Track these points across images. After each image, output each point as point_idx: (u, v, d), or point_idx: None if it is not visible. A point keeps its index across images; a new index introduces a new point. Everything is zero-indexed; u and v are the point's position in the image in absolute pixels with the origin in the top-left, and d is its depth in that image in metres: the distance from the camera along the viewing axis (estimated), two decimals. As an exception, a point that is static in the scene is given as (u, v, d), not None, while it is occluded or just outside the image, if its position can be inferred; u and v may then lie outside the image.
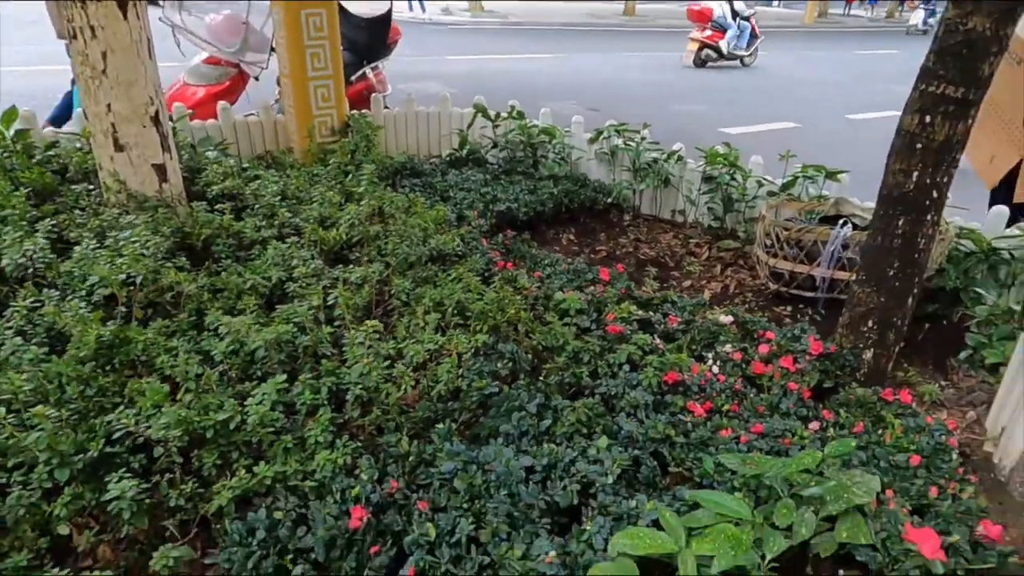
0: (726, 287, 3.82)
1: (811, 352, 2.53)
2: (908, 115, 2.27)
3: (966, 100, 2.14)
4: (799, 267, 3.35)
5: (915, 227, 2.34)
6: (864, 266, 2.54)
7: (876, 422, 2.26)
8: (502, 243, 3.62)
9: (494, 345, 2.49)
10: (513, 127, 4.91)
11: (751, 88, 11.70)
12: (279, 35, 4.31)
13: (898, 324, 2.51)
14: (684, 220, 4.57)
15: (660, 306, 3.02)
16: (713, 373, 2.45)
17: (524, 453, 1.96)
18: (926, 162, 2.24)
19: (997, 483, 2.29)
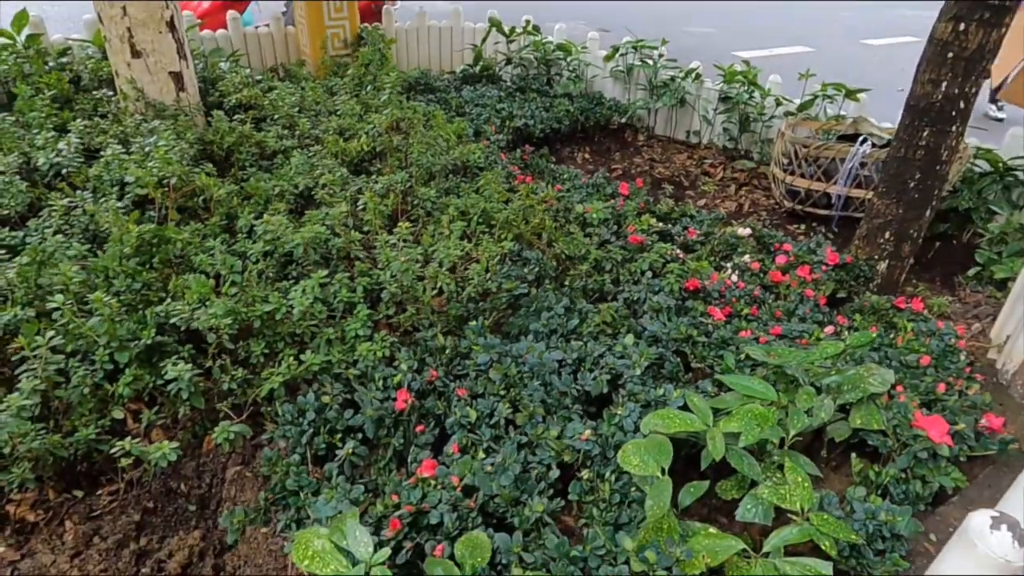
0: (740, 206, 3.86)
1: (827, 263, 2.60)
2: (942, 23, 2.25)
3: (1003, 6, 2.13)
4: (816, 184, 3.38)
5: (940, 138, 2.36)
6: (885, 178, 2.57)
7: (889, 328, 2.35)
8: (520, 158, 3.63)
9: (519, 253, 2.55)
10: (527, 43, 4.82)
11: (763, 10, 11.34)
12: (289, -60, 4.17)
13: (914, 236, 2.57)
14: (699, 141, 4.56)
15: (679, 219, 3.07)
16: (733, 281, 2.52)
17: (555, 349, 2.05)
18: (956, 71, 2.25)
19: (999, 386, 2.40)
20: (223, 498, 1.80)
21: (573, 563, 1.36)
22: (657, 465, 1.48)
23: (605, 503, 1.56)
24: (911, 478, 1.73)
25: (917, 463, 1.73)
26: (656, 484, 1.44)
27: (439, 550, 1.38)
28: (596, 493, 1.59)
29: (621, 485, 1.59)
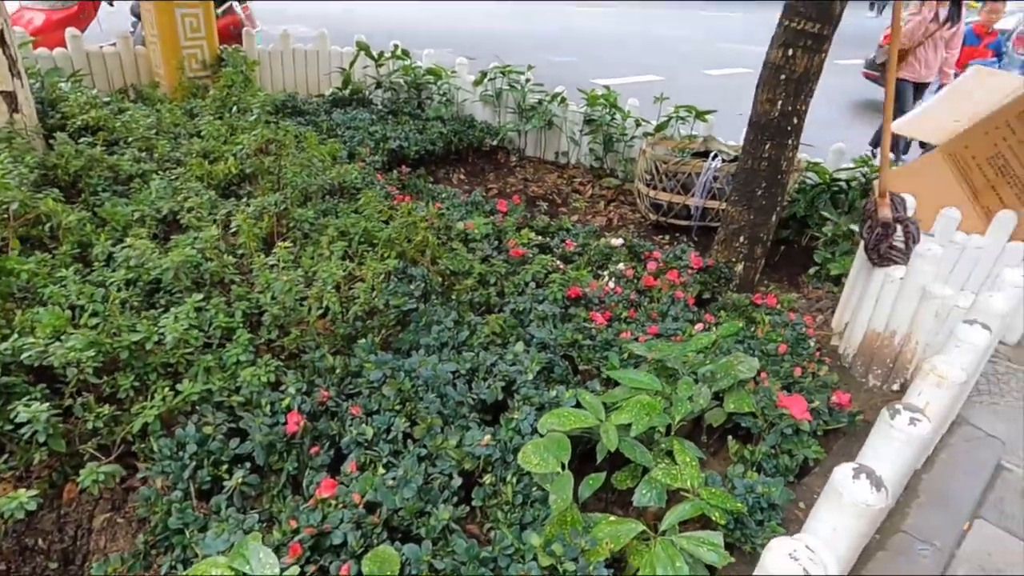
0: (610, 220, 4.08)
1: (692, 267, 2.82)
2: (774, 48, 2.54)
3: (821, 35, 2.44)
4: (676, 197, 3.66)
5: (779, 151, 2.65)
6: (736, 188, 2.84)
7: (749, 322, 2.58)
8: (398, 179, 3.62)
9: (404, 270, 2.54)
10: (397, 67, 4.85)
11: (616, 43, 12.16)
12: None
13: (764, 239, 2.84)
14: (568, 161, 4.78)
15: (557, 233, 3.20)
16: (611, 288, 2.66)
17: (448, 361, 2.06)
18: (788, 91, 2.54)
19: (842, 368, 2.70)
20: (91, 550, 1.63)
21: (484, 564, 1.37)
22: (557, 461, 1.53)
23: (509, 505, 1.58)
24: (780, 453, 1.90)
25: (784, 439, 1.91)
26: (558, 479, 1.48)
27: (345, 569, 1.33)
28: (499, 496, 1.61)
29: (523, 486, 1.62)
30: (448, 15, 12.76)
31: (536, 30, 12.34)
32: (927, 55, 5.20)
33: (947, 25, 5.04)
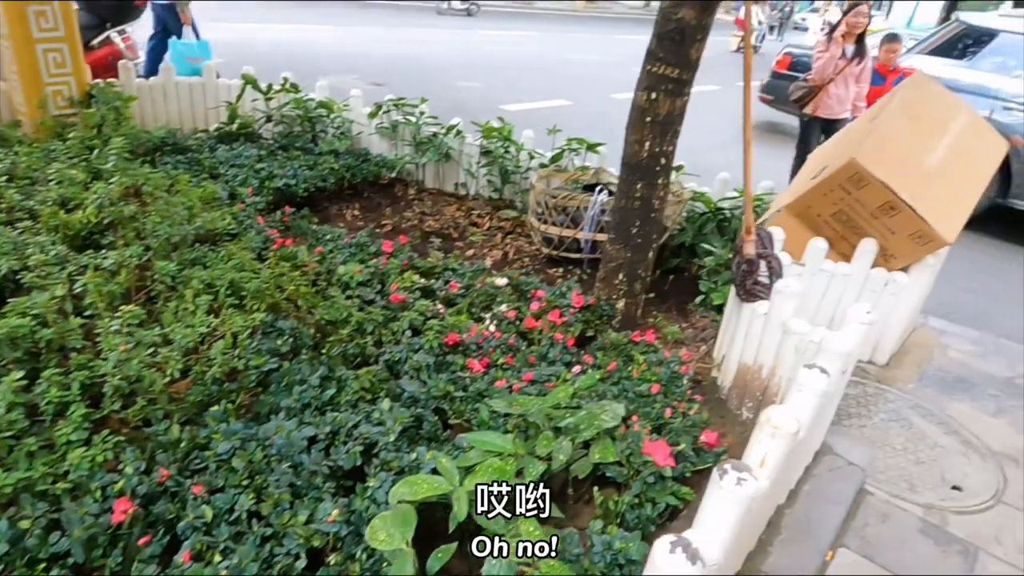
0: (506, 254, 4.07)
1: (574, 306, 2.83)
2: (639, 92, 2.60)
3: (681, 79, 2.51)
4: (566, 231, 3.69)
5: (650, 190, 2.70)
6: (613, 226, 2.87)
7: (627, 361, 2.60)
8: (280, 220, 3.50)
9: (273, 323, 2.43)
10: (288, 100, 4.72)
11: (528, 68, 12.33)
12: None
13: (643, 275, 2.89)
14: (466, 192, 4.76)
15: (442, 274, 3.16)
16: (490, 332, 2.63)
17: (307, 424, 1.97)
18: (655, 133, 2.60)
19: (720, 401, 2.77)
20: None
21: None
22: (402, 537, 1.47)
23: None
24: (644, 502, 1.90)
25: (647, 487, 1.92)
26: (399, 558, 1.42)
27: None
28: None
29: (372, 563, 1.55)
30: (358, 41, 12.64)
31: (448, 55, 12.38)
32: (839, 91, 5.34)
33: (855, 61, 5.19)
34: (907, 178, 3.04)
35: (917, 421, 3.02)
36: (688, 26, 2.42)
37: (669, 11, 2.43)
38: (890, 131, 3.16)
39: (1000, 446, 2.93)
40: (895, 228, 3.08)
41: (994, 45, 6.23)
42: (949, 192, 3.15)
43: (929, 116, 3.33)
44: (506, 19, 20.45)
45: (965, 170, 3.27)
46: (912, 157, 3.16)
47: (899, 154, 3.12)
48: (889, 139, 3.13)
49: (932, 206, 3.02)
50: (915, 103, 3.34)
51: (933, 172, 3.15)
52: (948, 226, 3.03)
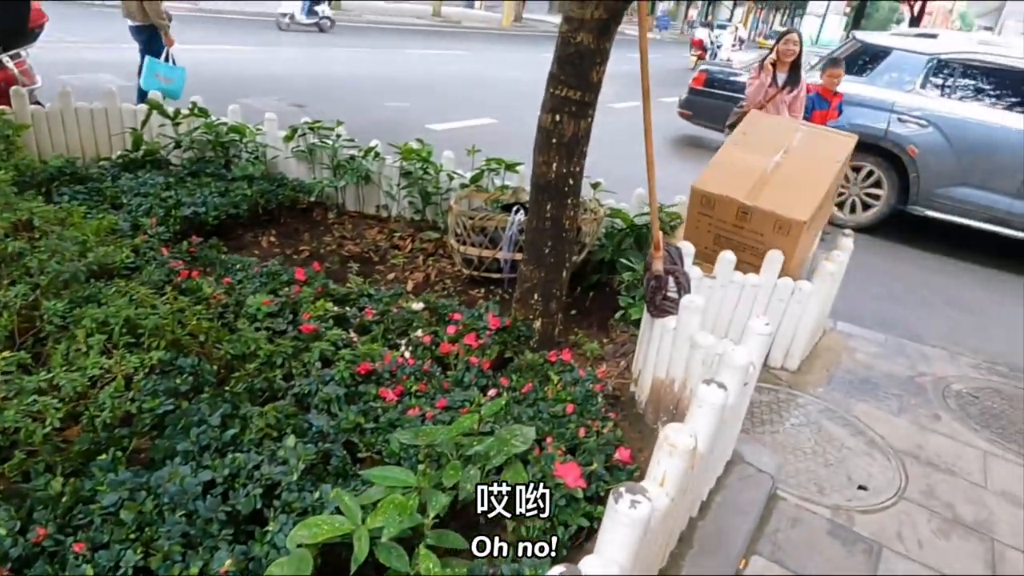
0: (428, 276, 4.03)
1: (491, 328, 2.81)
2: (543, 114, 2.63)
3: (584, 101, 2.55)
4: (485, 252, 3.69)
5: (560, 210, 2.73)
6: (526, 247, 2.89)
7: (543, 381, 2.60)
8: (187, 251, 3.36)
9: (172, 361, 2.32)
10: (197, 125, 4.57)
11: (455, 85, 12.39)
12: None
13: (558, 295, 2.91)
14: (388, 214, 4.71)
15: (357, 300, 3.09)
16: (405, 358, 2.59)
17: (205, 468, 1.88)
18: (561, 154, 2.63)
19: (638, 415, 2.80)
20: None
21: None
22: (298, 584, 1.41)
23: (249, 640, 1.43)
24: (556, 525, 1.90)
25: (560, 510, 1.91)
26: (293, 608, 1.36)
27: None
28: (240, 630, 1.46)
29: (268, 613, 1.48)
30: (280, 62, 12.41)
31: (373, 74, 12.30)
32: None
33: (787, 89, 5.14)
34: (743, 187, 3.43)
35: (826, 424, 3.14)
36: (587, 50, 2.46)
37: (568, 35, 2.47)
38: (726, 159, 3.63)
39: (902, 444, 3.08)
40: (760, 229, 3.36)
41: (888, 61, 6.63)
42: (790, 186, 3.45)
43: (762, 142, 3.69)
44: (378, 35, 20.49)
45: (807, 167, 3.56)
46: (747, 172, 3.51)
47: (735, 173, 3.52)
48: (725, 165, 3.58)
49: (774, 199, 3.36)
50: (749, 135, 3.74)
51: (769, 177, 3.47)
52: (797, 209, 3.33)
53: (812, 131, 3.84)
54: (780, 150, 3.59)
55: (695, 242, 3.57)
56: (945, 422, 3.33)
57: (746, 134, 3.74)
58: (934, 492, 2.78)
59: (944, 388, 3.67)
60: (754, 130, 3.77)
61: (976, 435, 3.25)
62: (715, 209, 3.52)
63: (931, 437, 3.17)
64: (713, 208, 3.53)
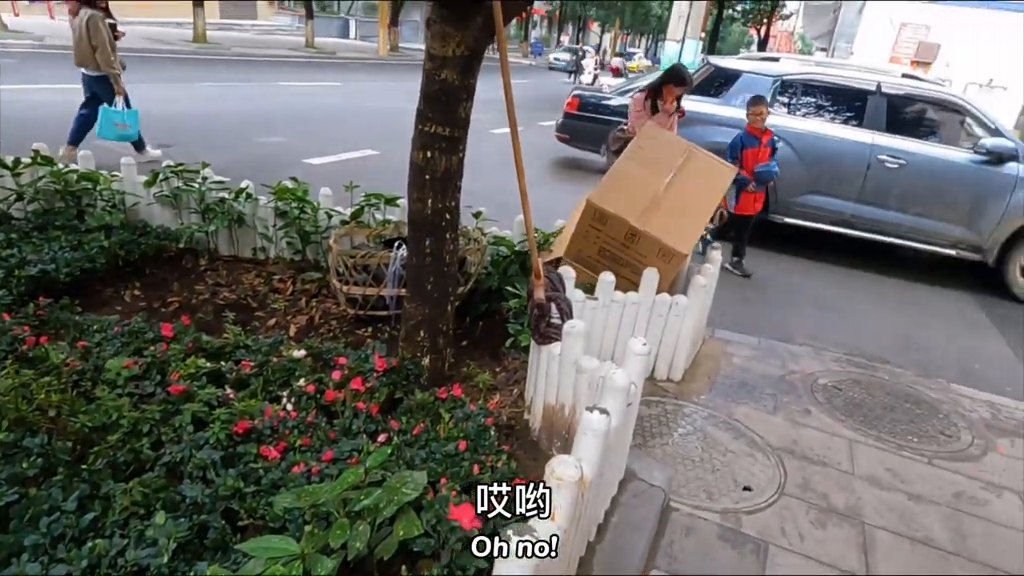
0: (312, 319, 3.89)
1: (378, 369, 2.74)
2: (415, 151, 2.62)
3: (453, 137, 2.57)
4: (370, 290, 3.61)
5: (439, 245, 2.72)
6: (409, 284, 2.85)
7: (435, 420, 2.56)
8: (34, 314, 3.05)
9: (17, 443, 2.09)
10: (42, 175, 4.19)
11: (333, 118, 12.16)
12: None
13: (444, 329, 2.88)
14: (266, 257, 4.51)
15: (233, 353, 2.92)
16: (287, 411, 2.47)
17: (59, 562, 1.69)
18: (435, 190, 2.62)
19: (533, 443, 2.82)
20: None
21: None
22: None
23: None
24: (455, 570, 1.85)
25: (456, 554, 1.87)
26: None
27: None
28: None
29: None
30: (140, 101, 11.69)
31: (245, 110, 11.85)
32: None
33: (656, 115, 5.32)
34: (636, 208, 3.55)
35: (711, 430, 3.29)
36: (452, 87, 2.49)
37: (432, 72, 2.48)
38: (622, 174, 3.74)
39: (779, 441, 3.28)
40: (645, 252, 3.51)
41: (740, 84, 7.18)
42: (678, 215, 3.63)
43: (657, 158, 3.86)
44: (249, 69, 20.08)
45: (693, 195, 3.77)
46: (642, 192, 3.66)
47: (630, 191, 3.64)
48: (621, 180, 3.70)
49: (663, 226, 3.51)
50: (644, 150, 3.90)
51: (661, 202, 3.63)
52: (681, 241, 3.51)
53: (698, 156, 4.00)
54: (672, 170, 3.74)
55: (580, 249, 3.69)
56: (815, 416, 3.58)
57: (642, 148, 3.87)
58: (809, 484, 2.97)
59: (812, 383, 3.96)
60: (650, 144, 3.92)
61: (842, 425, 3.52)
62: (607, 225, 3.63)
63: (804, 432, 3.40)
64: (605, 224, 3.64)
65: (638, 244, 3.54)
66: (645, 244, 3.54)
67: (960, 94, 7.48)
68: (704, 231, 5.08)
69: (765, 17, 33.93)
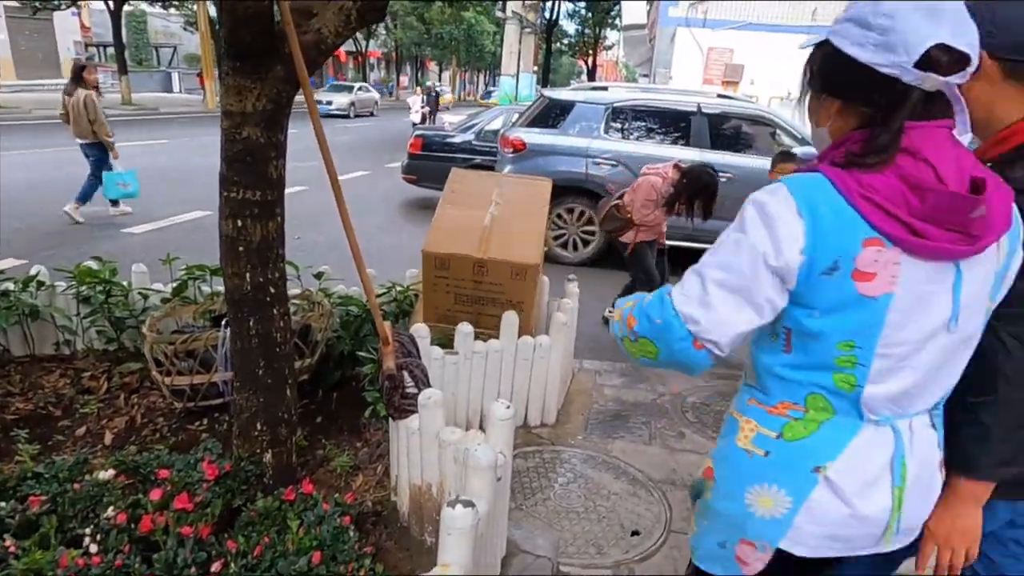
0: (133, 420, 3.33)
1: (208, 478, 2.33)
2: (223, 220, 2.27)
3: (267, 201, 2.26)
4: (198, 378, 3.15)
5: (267, 324, 2.37)
6: (236, 372, 2.47)
7: (282, 531, 2.19)
8: None
9: None
10: None
11: (158, 178, 11.13)
12: None
13: (286, 417, 2.52)
14: (72, 351, 3.86)
15: (17, 488, 2.37)
16: (89, 556, 1.99)
17: None
18: (253, 262, 2.29)
19: (404, 529, 2.52)
20: None
21: None
22: None
23: None
24: None
25: None
26: None
27: None
28: None
29: None
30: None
31: (51, 179, 10.54)
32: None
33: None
34: (472, 242, 3.48)
35: (591, 474, 3.16)
36: (257, 145, 2.18)
37: (232, 132, 2.17)
38: (445, 218, 3.66)
39: (659, 473, 3.20)
40: (498, 280, 3.44)
41: (574, 113, 7.37)
42: (514, 232, 3.59)
43: (472, 195, 3.84)
44: (52, 133, 18.49)
45: (521, 211, 3.75)
46: (471, 227, 3.59)
47: (460, 230, 3.57)
48: (447, 224, 3.62)
49: (503, 248, 3.46)
50: (457, 193, 3.86)
51: (492, 228, 3.57)
52: (528, 254, 3.44)
53: (511, 180, 4.05)
54: (491, 199, 3.70)
55: (437, 306, 3.49)
56: (689, 438, 3.57)
57: (455, 191, 3.83)
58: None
59: (681, 403, 3.97)
60: (461, 186, 3.88)
61: (714, 443, 3.52)
62: (451, 269, 3.47)
63: (680, 457, 3.36)
64: (449, 268, 3.47)
65: (488, 274, 3.43)
66: (495, 270, 3.44)
67: (768, 109, 8.18)
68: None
69: (590, 48, 36.09)
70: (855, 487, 1.21)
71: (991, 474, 1.26)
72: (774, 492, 1.26)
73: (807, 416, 1.23)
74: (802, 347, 1.19)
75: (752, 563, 1.33)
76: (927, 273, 1.09)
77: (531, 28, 27.30)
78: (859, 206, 1.06)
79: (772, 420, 1.28)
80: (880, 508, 1.22)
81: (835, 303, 1.11)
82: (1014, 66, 1.21)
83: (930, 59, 1.02)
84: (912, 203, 1.05)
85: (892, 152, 1.06)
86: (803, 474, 1.23)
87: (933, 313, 1.12)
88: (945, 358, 1.18)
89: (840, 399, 1.20)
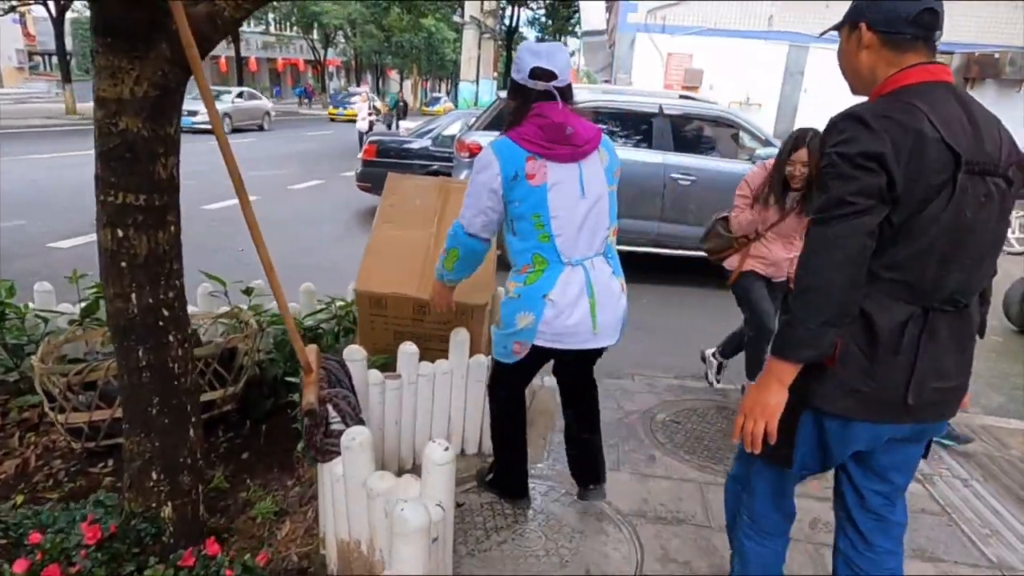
0: (26, 462, 2.89)
1: (88, 542, 1.92)
2: (101, 231, 1.89)
3: (154, 207, 1.88)
4: (97, 414, 2.72)
5: (160, 353, 1.99)
6: (125, 412, 2.07)
7: (175, 606, 1.80)
8: None
9: None
10: None
11: (90, 190, 10.46)
12: None
13: (190, 463, 2.13)
14: (-38, 384, 3.38)
15: None
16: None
17: None
18: (140, 281, 1.91)
19: (333, 590, 2.14)
20: None
21: None
22: None
23: None
24: None
25: None
26: None
27: None
28: None
29: None
30: None
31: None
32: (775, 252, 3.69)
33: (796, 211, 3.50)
34: (411, 277, 2.99)
35: (554, 508, 2.82)
36: (139, 139, 1.81)
37: (106, 123, 1.79)
38: (382, 242, 3.13)
39: (629, 504, 2.89)
40: (442, 319, 2.99)
41: (533, 115, 7.07)
42: None
43: (412, 211, 3.25)
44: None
45: None
46: (411, 255, 3.08)
47: (398, 259, 3.06)
48: (384, 250, 3.09)
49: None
50: (395, 208, 3.27)
51: (433, 253, 3.04)
52: (475, 293, 2.95)
53: (459, 187, 3.43)
54: (435, 216, 3.19)
55: (374, 342, 3.07)
56: (660, 461, 3.27)
57: (393, 206, 3.24)
58: (668, 553, 2.59)
59: (651, 422, 3.67)
60: (399, 199, 3.27)
61: (688, 466, 3.23)
62: (388, 308, 3.04)
63: (652, 484, 3.05)
64: (386, 308, 3.04)
65: (431, 313, 2.94)
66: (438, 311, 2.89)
67: (731, 110, 8.01)
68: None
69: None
70: (566, 303, 2.21)
71: (791, 355, 1.45)
72: (526, 314, 2.24)
73: (535, 269, 2.24)
74: (520, 229, 2.22)
75: (521, 353, 2.34)
76: (563, 170, 2.16)
77: (490, 34, 27.06)
78: (520, 143, 2.13)
79: (520, 277, 2.28)
80: (583, 313, 2.24)
81: (522, 195, 2.15)
82: (886, 36, 1.51)
83: (535, 74, 2.14)
84: (542, 136, 2.12)
85: (521, 118, 2.17)
86: (538, 301, 2.22)
87: (571, 190, 2.17)
88: (588, 215, 2.21)
89: (548, 253, 2.20)
